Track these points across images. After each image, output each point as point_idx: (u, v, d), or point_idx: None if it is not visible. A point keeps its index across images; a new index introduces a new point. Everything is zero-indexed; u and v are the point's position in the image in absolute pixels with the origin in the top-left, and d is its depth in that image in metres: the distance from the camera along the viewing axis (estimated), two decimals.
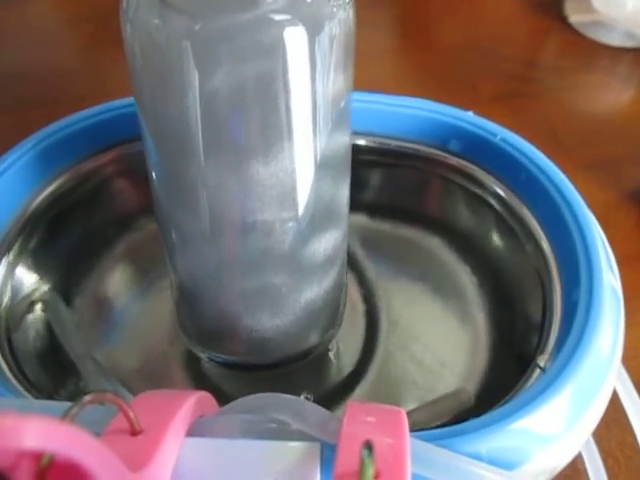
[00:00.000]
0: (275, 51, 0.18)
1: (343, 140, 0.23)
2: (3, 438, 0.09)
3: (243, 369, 0.28)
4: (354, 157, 0.25)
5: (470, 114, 0.29)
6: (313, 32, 0.18)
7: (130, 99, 0.29)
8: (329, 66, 0.19)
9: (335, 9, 0.19)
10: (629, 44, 0.56)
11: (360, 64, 0.23)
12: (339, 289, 0.27)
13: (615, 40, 0.56)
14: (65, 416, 0.13)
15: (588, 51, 0.56)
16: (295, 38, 0.18)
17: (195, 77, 0.18)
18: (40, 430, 0.09)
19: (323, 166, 0.22)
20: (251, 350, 0.27)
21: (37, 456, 0.11)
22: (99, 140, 0.30)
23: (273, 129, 0.20)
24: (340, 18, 0.19)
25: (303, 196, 0.22)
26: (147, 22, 0.18)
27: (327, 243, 0.24)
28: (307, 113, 0.20)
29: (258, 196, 0.21)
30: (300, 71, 0.19)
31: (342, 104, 0.21)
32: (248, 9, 0.17)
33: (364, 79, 0.26)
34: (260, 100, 0.19)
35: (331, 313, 0.28)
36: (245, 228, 0.22)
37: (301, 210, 0.22)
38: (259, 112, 0.19)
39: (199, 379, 0.29)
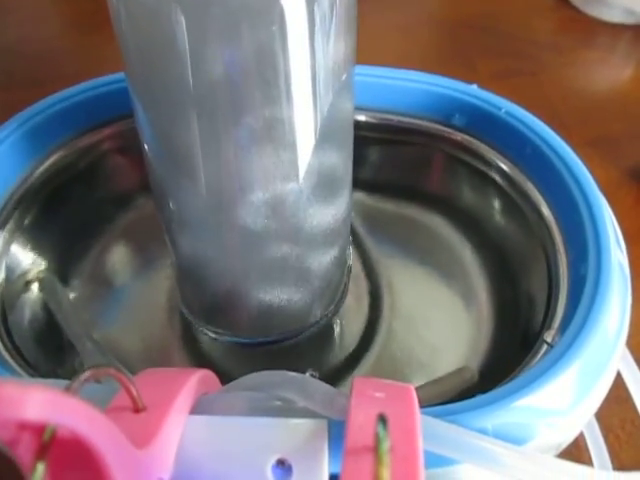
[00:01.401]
0: (271, 14, 0.17)
1: (345, 108, 0.22)
2: (4, 408, 0.09)
3: (245, 346, 0.28)
4: (354, 133, 0.24)
5: (474, 87, 0.29)
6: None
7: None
8: (329, 32, 0.19)
9: None
10: (629, 21, 0.55)
11: (358, 41, 0.22)
12: (342, 263, 0.27)
13: (615, 17, 0.55)
14: (68, 389, 0.12)
15: (588, 28, 0.55)
16: (293, 6, 0.17)
17: (186, 44, 0.17)
18: (43, 400, 0.09)
19: (325, 135, 0.21)
20: (254, 325, 0.26)
21: (39, 430, 0.11)
22: (96, 115, 0.29)
23: (271, 95, 0.19)
24: None
25: (305, 166, 0.21)
26: None
27: (330, 214, 0.24)
28: (306, 79, 0.19)
29: (258, 166, 0.20)
30: (298, 35, 0.18)
31: (344, 75, 0.21)
32: None
33: (361, 56, 0.25)
34: (256, 65, 0.18)
35: (334, 287, 0.27)
36: (244, 199, 0.21)
37: (303, 180, 0.21)
38: (255, 78, 0.18)
39: (198, 358, 0.29)
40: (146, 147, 0.22)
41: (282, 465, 0.16)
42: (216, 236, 0.23)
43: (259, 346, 0.27)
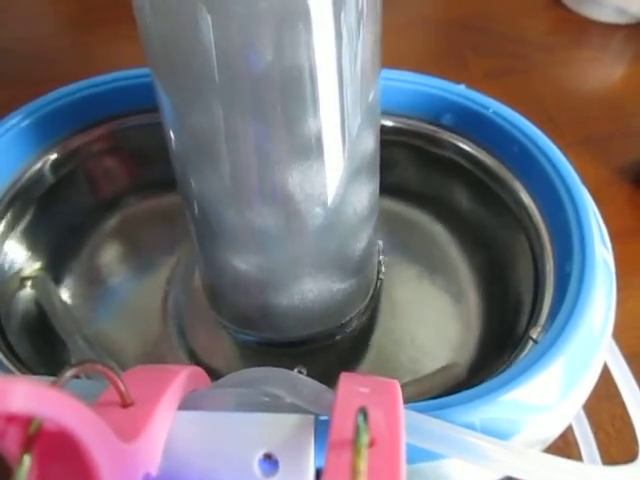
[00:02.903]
0: (298, 15, 0.17)
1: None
2: None
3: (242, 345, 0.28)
4: None
5: (462, 87, 0.29)
6: None
7: (118, 73, 0.28)
8: (355, 35, 0.19)
9: None
10: (621, 20, 0.55)
11: None
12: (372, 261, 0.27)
13: (607, 16, 0.55)
14: (55, 382, 0.12)
15: (580, 28, 0.56)
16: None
17: (212, 43, 0.17)
18: (28, 392, 0.09)
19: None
20: (288, 326, 0.27)
21: (25, 423, 0.11)
22: (87, 116, 0.29)
23: (296, 97, 0.19)
24: None
25: (332, 149, 0.21)
26: None
27: (361, 197, 0.23)
28: (332, 82, 0.19)
29: (281, 166, 0.20)
30: (324, 37, 0.18)
31: (371, 94, 0.21)
32: None
33: None
34: (280, 64, 0.18)
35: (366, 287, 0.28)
36: (265, 199, 0.21)
37: (330, 162, 0.21)
38: (279, 78, 0.18)
39: (192, 356, 0.29)
40: (171, 136, 0.22)
41: (269, 459, 0.16)
42: (244, 228, 0.23)
43: (281, 347, 0.28)
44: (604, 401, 0.30)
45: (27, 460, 0.11)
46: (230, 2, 0.17)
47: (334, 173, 0.21)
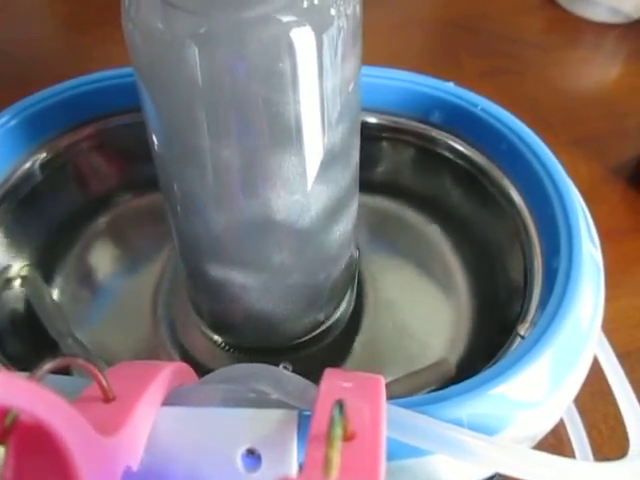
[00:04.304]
0: (281, 49, 0.18)
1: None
2: None
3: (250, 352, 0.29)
4: None
5: (451, 85, 0.29)
6: (320, 31, 0.18)
7: (106, 72, 0.29)
8: (336, 57, 0.19)
9: (342, 7, 0.18)
10: (614, 20, 0.56)
11: None
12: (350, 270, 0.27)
13: (600, 16, 0.56)
14: (32, 375, 0.12)
15: (573, 27, 0.56)
16: (302, 38, 0.18)
17: (199, 78, 0.18)
18: (2, 382, 0.09)
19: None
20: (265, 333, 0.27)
21: (1, 416, 0.11)
22: (76, 115, 0.29)
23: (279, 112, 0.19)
24: (347, 14, 0.19)
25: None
26: (149, 22, 0.18)
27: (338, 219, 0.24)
28: (315, 103, 0.19)
29: (265, 175, 0.21)
30: (307, 63, 0.18)
31: (351, 85, 0.21)
32: (254, 8, 0.17)
33: None
34: (265, 87, 0.18)
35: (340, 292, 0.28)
36: (250, 206, 0.21)
37: (310, 189, 0.21)
38: (263, 97, 0.19)
39: (183, 354, 0.29)
40: (155, 142, 0.22)
41: (252, 454, 0.16)
42: (228, 227, 0.23)
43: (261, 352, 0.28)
44: (597, 399, 0.30)
45: (1, 451, 0.11)
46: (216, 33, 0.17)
47: (312, 163, 0.21)
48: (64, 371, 0.26)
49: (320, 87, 0.19)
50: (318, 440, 0.14)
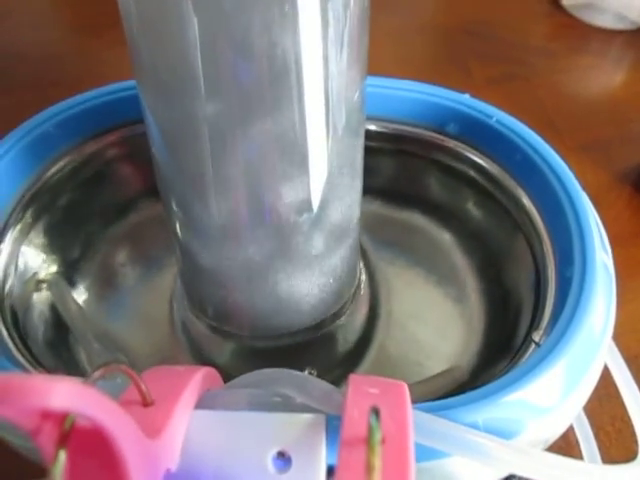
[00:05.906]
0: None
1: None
2: (32, 397, 0.09)
3: (249, 347, 0.29)
4: None
5: (466, 96, 0.30)
6: None
7: (131, 82, 0.29)
8: (342, 37, 0.19)
9: None
10: (621, 26, 0.56)
11: None
12: (353, 262, 0.28)
13: (607, 22, 0.56)
14: (86, 382, 0.13)
15: (580, 34, 0.56)
16: None
17: (195, 28, 0.17)
18: (67, 390, 0.10)
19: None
20: (267, 325, 0.27)
21: (60, 421, 0.12)
22: (101, 122, 0.30)
23: (282, 102, 0.19)
24: None
25: (315, 156, 0.21)
26: None
27: (341, 207, 0.24)
28: (319, 86, 0.19)
29: (266, 180, 0.21)
30: (311, 36, 0.18)
31: (356, 94, 0.21)
32: None
33: None
34: (268, 68, 0.18)
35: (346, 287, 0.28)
36: (253, 216, 0.22)
37: (313, 170, 0.21)
38: (266, 82, 0.18)
39: (201, 357, 0.30)
40: (156, 156, 0.22)
41: (282, 457, 0.17)
42: (226, 230, 0.23)
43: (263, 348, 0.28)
44: (604, 402, 0.31)
45: (62, 455, 0.11)
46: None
47: (317, 170, 0.21)
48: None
49: (324, 68, 0.18)
50: (351, 444, 0.14)
